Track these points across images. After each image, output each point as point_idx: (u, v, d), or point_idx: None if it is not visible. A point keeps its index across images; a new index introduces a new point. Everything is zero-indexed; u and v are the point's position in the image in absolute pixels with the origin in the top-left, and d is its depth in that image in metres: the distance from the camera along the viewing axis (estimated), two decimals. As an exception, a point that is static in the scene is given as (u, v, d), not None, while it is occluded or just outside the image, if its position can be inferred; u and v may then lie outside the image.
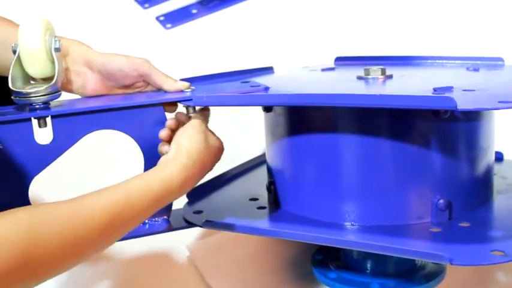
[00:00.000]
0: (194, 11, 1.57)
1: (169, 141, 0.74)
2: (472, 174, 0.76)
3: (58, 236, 0.56)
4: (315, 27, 1.47)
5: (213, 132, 0.77)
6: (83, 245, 0.58)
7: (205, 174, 0.74)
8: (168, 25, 1.54)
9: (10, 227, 0.52)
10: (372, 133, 0.73)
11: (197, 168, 0.70)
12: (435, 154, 0.73)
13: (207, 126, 0.77)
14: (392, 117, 0.72)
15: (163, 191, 0.66)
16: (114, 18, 1.50)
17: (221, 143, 0.77)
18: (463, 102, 0.61)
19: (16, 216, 0.54)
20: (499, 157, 0.96)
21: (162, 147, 0.75)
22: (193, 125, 0.74)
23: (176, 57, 0.80)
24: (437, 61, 0.97)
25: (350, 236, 0.72)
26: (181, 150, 0.70)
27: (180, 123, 0.76)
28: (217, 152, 0.76)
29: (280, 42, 1.44)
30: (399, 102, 0.64)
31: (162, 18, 1.56)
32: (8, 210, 0.54)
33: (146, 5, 1.59)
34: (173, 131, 0.75)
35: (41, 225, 0.55)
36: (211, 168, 0.75)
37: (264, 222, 0.79)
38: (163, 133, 0.75)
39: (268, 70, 0.99)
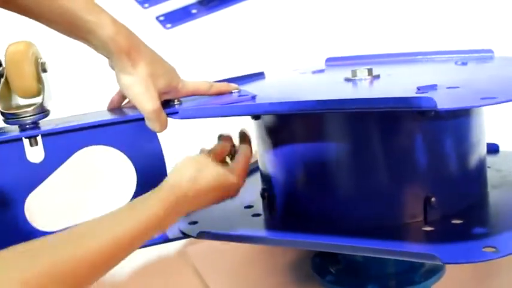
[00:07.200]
0: (194, 11, 1.57)
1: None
2: (463, 171, 0.76)
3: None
4: (315, 26, 1.46)
5: (230, 168, 0.75)
6: None
7: (198, 209, 0.74)
8: (168, 25, 1.54)
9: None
10: (361, 135, 0.74)
11: (180, 206, 0.67)
12: (424, 152, 0.73)
13: (222, 161, 0.77)
14: (380, 118, 0.72)
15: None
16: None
17: (236, 179, 0.74)
18: (445, 101, 0.61)
19: (8, 278, 0.50)
20: (494, 149, 0.95)
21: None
22: (192, 160, 0.71)
23: (176, 57, 0.80)
24: (427, 56, 0.96)
25: (343, 241, 0.71)
26: (164, 186, 0.67)
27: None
28: (223, 188, 0.72)
29: (280, 42, 1.44)
30: (381, 104, 0.64)
31: (162, 18, 1.56)
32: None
33: (146, 5, 1.59)
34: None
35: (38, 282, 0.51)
36: (212, 204, 0.73)
37: (259, 231, 0.79)
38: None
39: (259, 76, 0.98)
